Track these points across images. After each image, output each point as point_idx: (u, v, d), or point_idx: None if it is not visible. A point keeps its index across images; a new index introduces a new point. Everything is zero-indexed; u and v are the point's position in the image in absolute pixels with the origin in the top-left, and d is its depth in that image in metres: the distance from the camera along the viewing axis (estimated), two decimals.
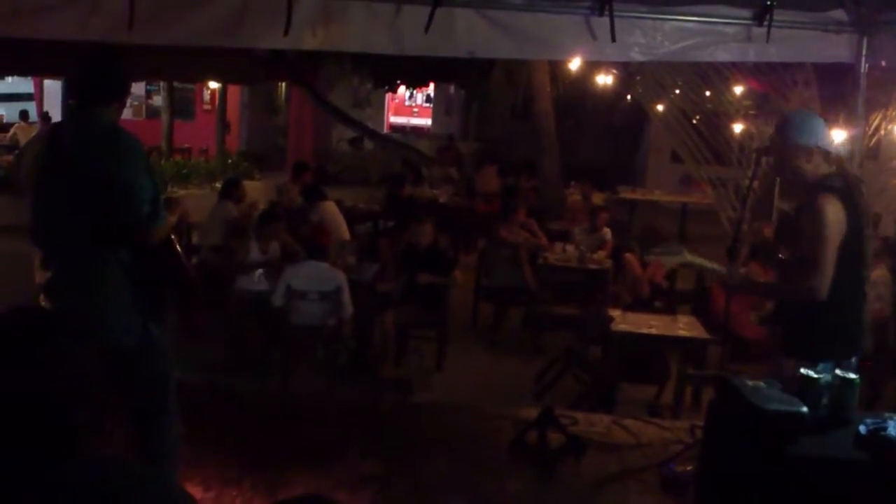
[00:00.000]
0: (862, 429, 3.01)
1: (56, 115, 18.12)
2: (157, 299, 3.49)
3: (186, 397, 4.95)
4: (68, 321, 1.59)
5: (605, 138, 21.62)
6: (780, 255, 3.91)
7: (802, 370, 3.29)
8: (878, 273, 6.52)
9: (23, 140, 15.90)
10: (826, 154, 3.68)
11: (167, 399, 3.56)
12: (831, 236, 3.50)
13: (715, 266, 3.96)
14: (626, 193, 15.40)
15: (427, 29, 4.26)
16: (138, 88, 21.19)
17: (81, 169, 3.25)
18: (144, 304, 3.42)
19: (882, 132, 8.14)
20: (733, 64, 8.05)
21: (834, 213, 3.51)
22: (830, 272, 3.49)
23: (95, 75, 3.38)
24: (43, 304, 3.43)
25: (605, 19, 4.36)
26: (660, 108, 11.06)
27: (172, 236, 3.56)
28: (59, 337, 1.54)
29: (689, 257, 3.94)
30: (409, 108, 32.63)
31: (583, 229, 9.68)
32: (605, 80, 11.89)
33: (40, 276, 3.43)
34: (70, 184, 3.27)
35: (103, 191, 3.24)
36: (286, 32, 4.16)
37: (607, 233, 9.54)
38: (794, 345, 3.74)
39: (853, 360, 3.65)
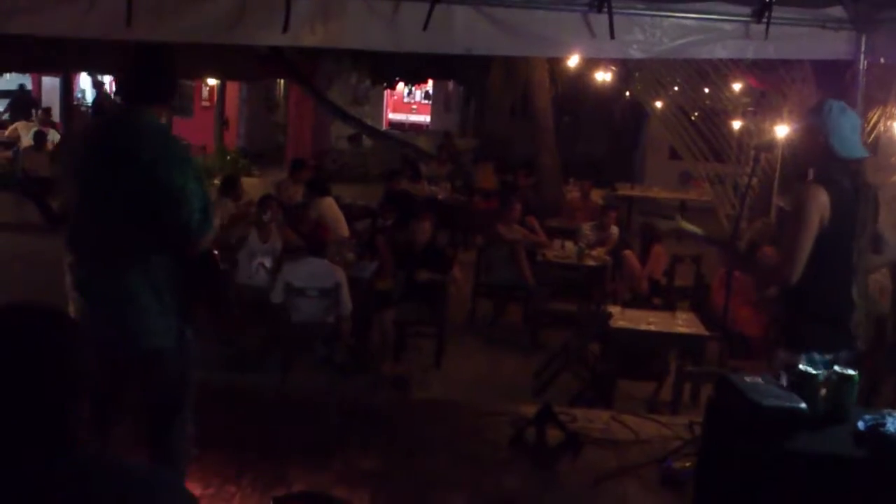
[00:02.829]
0: (860, 425, 3.01)
1: (55, 112, 18.12)
2: (190, 301, 3.48)
3: None
4: (64, 317, 1.59)
5: (603, 135, 21.60)
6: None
7: (795, 363, 3.32)
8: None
9: (24, 136, 15.87)
10: (831, 155, 3.58)
11: (186, 399, 3.56)
12: (807, 225, 3.50)
13: (699, 231, 3.97)
14: (625, 190, 15.40)
15: (426, 26, 4.26)
16: None
17: (135, 170, 3.19)
18: (181, 307, 3.41)
19: (881, 129, 8.14)
20: (732, 61, 8.05)
21: (815, 202, 3.50)
22: (802, 259, 3.50)
23: (145, 74, 3.34)
24: (76, 302, 3.40)
25: (604, 16, 4.36)
26: (658, 105, 11.07)
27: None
28: (54, 332, 1.54)
29: (682, 223, 3.95)
30: (408, 105, 32.64)
31: (592, 226, 9.68)
32: (603, 77, 11.89)
33: (75, 275, 3.38)
34: (119, 184, 3.21)
35: (155, 196, 3.18)
36: (285, 29, 4.16)
37: (615, 230, 9.55)
38: (782, 333, 3.80)
39: (843, 353, 3.66)
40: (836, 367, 3.21)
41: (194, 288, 3.45)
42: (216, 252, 3.55)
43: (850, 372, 3.16)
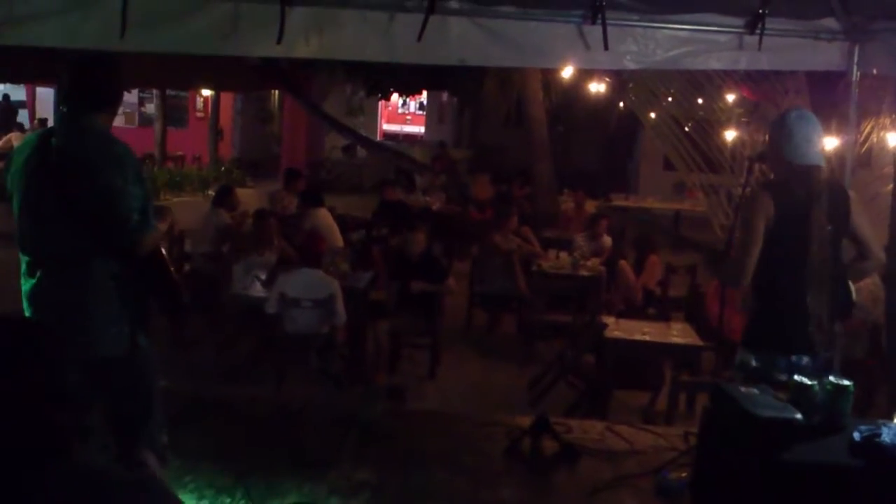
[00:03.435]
0: (856, 435, 3.00)
1: (51, 122, 18.12)
2: (143, 308, 3.47)
3: (179, 405, 4.96)
4: (47, 329, 1.59)
5: (597, 146, 21.66)
6: None
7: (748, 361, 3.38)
8: (869, 281, 6.52)
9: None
10: (784, 161, 3.71)
11: (153, 408, 3.53)
12: (752, 230, 3.62)
13: None
14: (619, 201, 15.44)
15: (420, 37, 4.26)
16: (131, 96, 21.19)
17: (71, 175, 3.22)
18: (132, 314, 3.39)
19: (874, 139, 8.17)
20: (725, 72, 8.08)
21: (758, 208, 3.63)
22: (749, 263, 3.62)
23: (88, 81, 3.35)
24: (26, 311, 3.39)
25: (598, 27, 4.37)
26: (652, 115, 11.09)
27: (161, 245, 3.53)
28: (36, 343, 1.54)
29: None
30: (402, 116, 32.75)
31: (584, 236, 9.70)
32: (597, 88, 11.93)
33: (25, 283, 3.38)
34: (59, 190, 3.23)
35: (92, 198, 3.21)
36: (279, 40, 4.16)
37: (607, 240, 9.56)
38: (742, 333, 3.93)
39: (804, 359, 3.67)
40: (832, 378, 3.21)
41: (144, 293, 3.43)
42: (164, 254, 3.54)
43: (846, 382, 3.15)
